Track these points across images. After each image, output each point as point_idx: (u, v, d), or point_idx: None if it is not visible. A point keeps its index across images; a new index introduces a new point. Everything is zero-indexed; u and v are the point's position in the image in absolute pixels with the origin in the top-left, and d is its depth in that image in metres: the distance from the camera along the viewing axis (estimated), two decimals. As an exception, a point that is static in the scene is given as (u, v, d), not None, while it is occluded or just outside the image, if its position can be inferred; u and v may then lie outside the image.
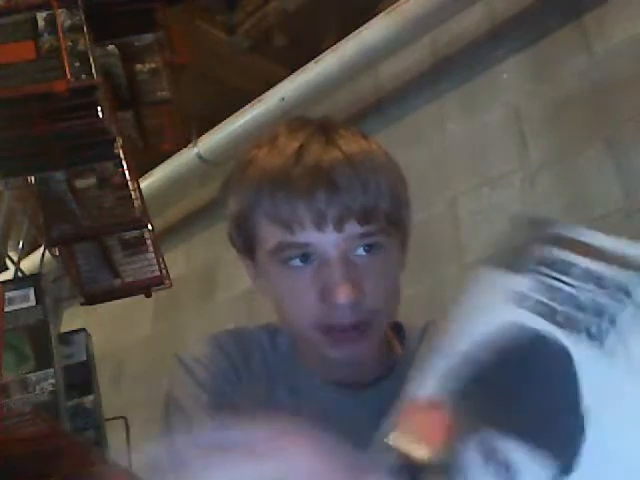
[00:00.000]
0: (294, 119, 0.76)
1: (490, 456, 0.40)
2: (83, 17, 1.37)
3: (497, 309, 0.44)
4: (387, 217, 0.69)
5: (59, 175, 1.53)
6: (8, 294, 1.60)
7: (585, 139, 2.06)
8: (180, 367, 0.78)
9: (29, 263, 2.84)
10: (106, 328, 3.27)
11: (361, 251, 0.68)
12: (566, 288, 0.43)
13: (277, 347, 0.81)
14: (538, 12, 2.33)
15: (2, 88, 1.28)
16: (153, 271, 1.97)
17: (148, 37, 1.65)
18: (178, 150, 3.04)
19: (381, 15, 2.46)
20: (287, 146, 0.70)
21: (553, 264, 0.44)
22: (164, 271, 1.97)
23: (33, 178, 1.61)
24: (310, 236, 0.67)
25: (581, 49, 2.18)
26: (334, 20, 2.85)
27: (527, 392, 0.41)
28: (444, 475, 0.41)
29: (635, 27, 2.05)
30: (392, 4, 2.44)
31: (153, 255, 1.96)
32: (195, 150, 3.05)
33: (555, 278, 0.44)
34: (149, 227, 1.87)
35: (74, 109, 1.33)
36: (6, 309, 1.56)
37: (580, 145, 2.07)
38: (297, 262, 0.69)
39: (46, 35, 1.33)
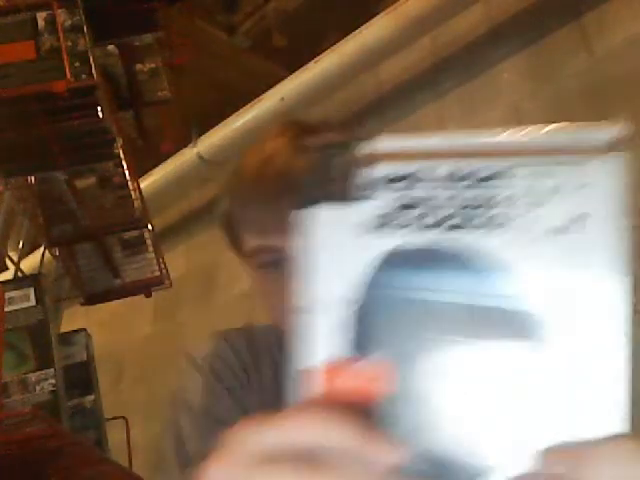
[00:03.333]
0: (286, 122, 0.77)
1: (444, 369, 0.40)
2: (83, 17, 1.37)
3: (364, 241, 0.42)
4: None
5: (59, 175, 1.53)
6: (8, 294, 1.60)
7: (585, 139, 2.05)
8: (189, 365, 0.78)
9: (29, 263, 2.84)
10: (106, 328, 3.27)
11: None
12: (434, 194, 0.41)
13: (283, 346, 0.81)
14: (538, 12, 2.33)
15: (2, 88, 1.28)
16: (153, 271, 1.97)
17: (148, 37, 1.65)
18: (178, 150, 3.05)
19: (381, 15, 2.46)
20: (263, 150, 0.72)
21: (397, 178, 0.42)
22: (164, 271, 1.97)
23: (33, 178, 1.61)
24: (276, 241, 0.68)
25: (581, 49, 2.18)
26: (334, 20, 2.85)
27: (452, 298, 0.40)
28: None
29: (635, 27, 2.05)
30: (392, 4, 2.44)
31: (153, 255, 1.96)
32: (195, 150, 3.05)
33: (412, 189, 0.42)
34: (149, 227, 1.87)
35: (74, 109, 1.33)
36: (6, 309, 1.55)
37: (580, 145, 2.06)
38: (270, 267, 0.70)
39: (46, 35, 1.33)
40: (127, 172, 1.70)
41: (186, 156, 3.09)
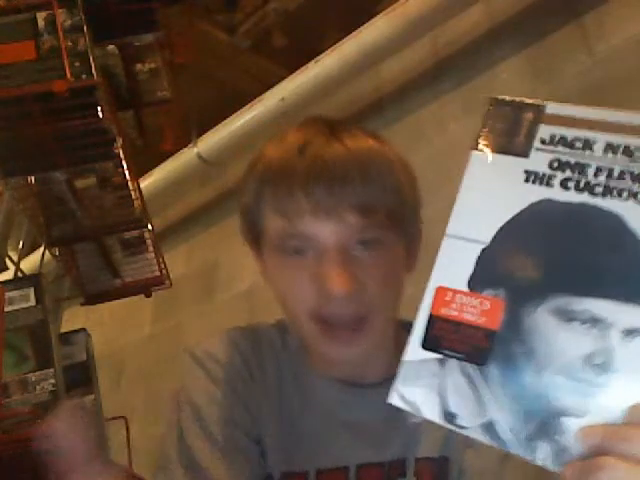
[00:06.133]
0: (307, 118, 0.77)
1: (570, 318, 0.42)
2: (83, 17, 1.37)
3: (518, 190, 0.45)
4: (388, 214, 0.69)
5: (59, 175, 1.53)
6: (8, 294, 1.60)
7: (585, 139, 2.05)
8: (192, 361, 0.78)
9: (29, 263, 2.84)
10: (106, 328, 3.27)
11: (360, 246, 0.69)
12: (595, 161, 0.44)
13: (287, 345, 0.81)
14: (538, 12, 2.33)
15: (2, 88, 1.28)
16: (153, 271, 1.97)
17: (148, 37, 1.65)
18: (178, 150, 3.05)
19: (381, 15, 2.46)
20: (292, 141, 0.72)
21: (565, 141, 0.45)
22: (164, 271, 1.97)
23: (33, 178, 1.61)
24: (308, 226, 0.68)
25: (581, 49, 2.18)
26: (334, 20, 2.85)
27: (587, 256, 0.43)
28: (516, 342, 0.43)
29: (635, 27, 2.05)
30: (392, 4, 2.44)
31: (153, 255, 1.96)
32: (195, 150, 3.05)
33: (576, 154, 0.45)
34: (149, 227, 1.87)
35: (74, 109, 1.33)
36: (6, 309, 1.55)
37: (580, 145, 2.06)
38: (296, 253, 0.70)
39: (46, 35, 1.32)
40: (127, 172, 1.70)
41: (186, 156, 3.09)
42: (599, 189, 0.43)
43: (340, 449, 0.76)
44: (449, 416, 0.45)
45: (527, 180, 0.45)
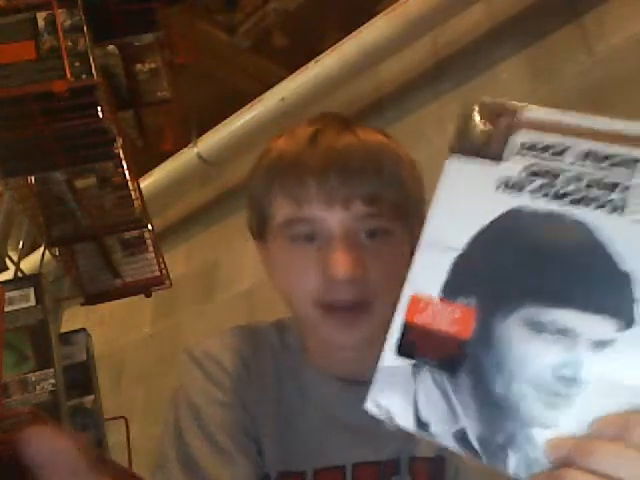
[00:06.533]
0: (318, 114, 0.78)
1: (539, 328, 0.42)
2: (83, 17, 1.37)
3: (489, 198, 0.45)
4: (394, 206, 0.70)
5: (59, 175, 1.53)
6: (8, 294, 1.60)
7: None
8: (191, 361, 0.78)
9: (29, 263, 2.84)
10: (106, 328, 3.27)
11: (367, 235, 0.70)
12: (566, 169, 0.43)
13: (286, 345, 0.81)
14: (538, 12, 2.33)
15: (2, 88, 1.28)
16: (153, 271, 1.97)
17: (148, 37, 1.65)
18: (178, 150, 3.05)
19: (381, 15, 2.46)
20: (303, 133, 0.73)
21: (539, 148, 0.45)
22: (164, 271, 1.97)
23: (33, 178, 1.61)
24: (317, 212, 0.69)
25: (581, 49, 2.18)
26: (334, 20, 2.85)
27: (556, 267, 0.42)
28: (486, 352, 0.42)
29: (635, 27, 2.05)
30: (392, 4, 2.44)
31: (153, 255, 1.96)
32: (195, 150, 3.05)
33: (548, 161, 0.44)
34: (149, 227, 1.87)
35: (74, 109, 1.33)
36: (6, 309, 1.55)
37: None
38: (304, 239, 0.71)
39: (46, 35, 1.32)
40: (127, 172, 1.70)
41: (186, 156, 3.09)
42: (569, 198, 0.43)
43: (338, 448, 0.76)
44: (422, 424, 0.44)
45: (500, 187, 0.45)
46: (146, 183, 2.94)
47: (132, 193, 1.75)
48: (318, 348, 0.78)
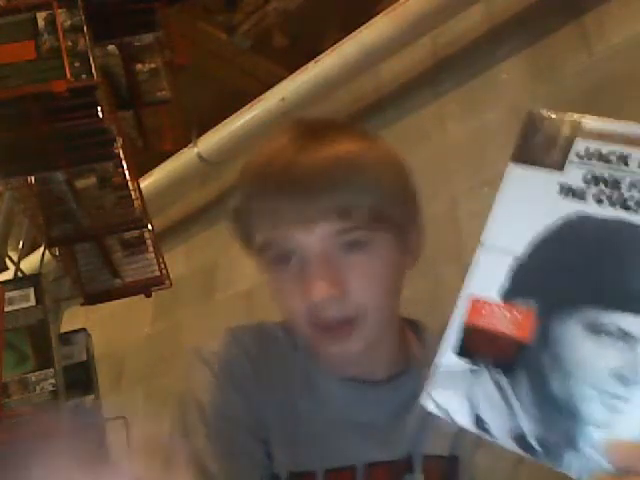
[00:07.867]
0: (295, 121, 0.77)
1: (599, 331, 0.43)
2: (83, 17, 1.37)
3: (550, 204, 0.46)
4: (371, 214, 0.69)
5: (59, 175, 1.53)
6: (8, 294, 1.60)
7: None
8: (198, 361, 0.78)
9: (29, 263, 2.84)
10: (106, 328, 3.27)
11: (343, 250, 0.69)
12: (627, 176, 0.45)
13: (294, 344, 0.81)
14: (538, 12, 2.33)
15: (2, 88, 1.28)
16: (153, 271, 1.97)
17: (148, 37, 1.65)
18: (178, 150, 3.04)
19: (381, 15, 2.46)
20: (269, 147, 0.73)
21: (599, 156, 0.46)
22: (164, 271, 1.97)
23: (33, 178, 1.61)
24: (289, 232, 0.69)
25: (581, 49, 2.18)
26: (334, 20, 2.85)
27: (617, 271, 0.43)
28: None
29: (635, 27, 2.05)
30: (392, 4, 2.44)
31: (153, 255, 1.95)
32: (195, 150, 3.05)
33: (609, 168, 0.45)
34: (149, 227, 1.87)
35: (74, 109, 1.33)
36: (6, 309, 1.56)
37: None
38: (281, 261, 0.71)
39: (46, 35, 1.32)
40: (127, 172, 1.70)
41: (186, 156, 3.09)
42: (632, 204, 0.44)
43: (348, 448, 0.76)
44: (481, 423, 0.46)
45: (561, 193, 0.46)
46: (146, 183, 2.94)
47: (132, 193, 1.75)
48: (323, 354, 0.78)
